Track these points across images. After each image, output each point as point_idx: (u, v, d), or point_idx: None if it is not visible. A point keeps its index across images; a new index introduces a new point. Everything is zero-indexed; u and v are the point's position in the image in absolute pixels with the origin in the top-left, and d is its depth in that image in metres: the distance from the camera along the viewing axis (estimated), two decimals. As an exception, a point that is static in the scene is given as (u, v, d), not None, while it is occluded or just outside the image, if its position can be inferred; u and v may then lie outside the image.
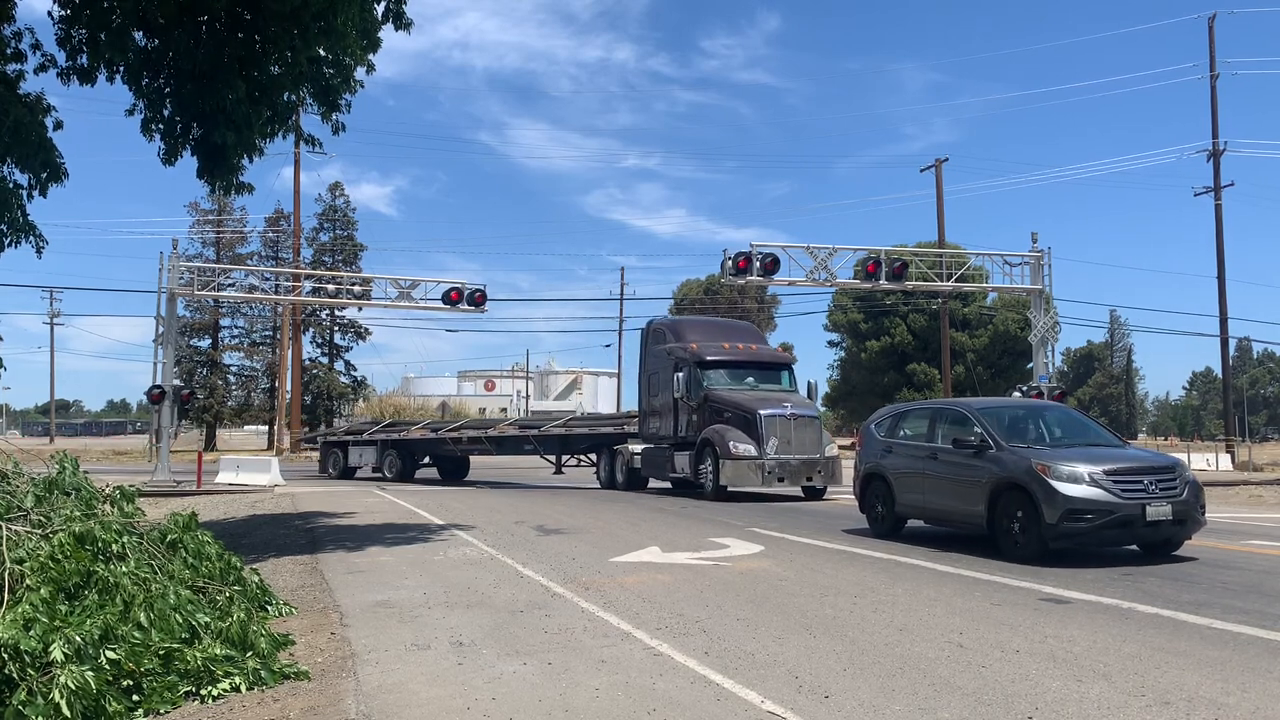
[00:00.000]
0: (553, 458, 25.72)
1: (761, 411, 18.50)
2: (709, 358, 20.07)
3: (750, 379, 20.24)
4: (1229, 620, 6.78)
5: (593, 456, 24.62)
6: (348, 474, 29.87)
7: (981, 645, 6.14)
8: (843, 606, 7.55)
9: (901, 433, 12.51)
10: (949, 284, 28.11)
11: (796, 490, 19.21)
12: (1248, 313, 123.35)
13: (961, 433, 10.97)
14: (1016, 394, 25.00)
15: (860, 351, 61.90)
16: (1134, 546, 10.23)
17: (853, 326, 63.22)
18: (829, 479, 18.92)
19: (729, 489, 18.58)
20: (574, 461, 25.77)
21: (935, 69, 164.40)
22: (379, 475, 28.64)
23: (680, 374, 20.08)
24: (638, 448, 22.05)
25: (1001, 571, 9.09)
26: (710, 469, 18.73)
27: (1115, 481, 9.52)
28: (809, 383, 21.15)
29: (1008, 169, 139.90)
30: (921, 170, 45.43)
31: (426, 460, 28.76)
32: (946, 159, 45.32)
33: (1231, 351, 45.48)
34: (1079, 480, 9.51)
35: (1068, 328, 50.06)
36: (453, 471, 28.80)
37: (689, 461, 19.62)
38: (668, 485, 21.93)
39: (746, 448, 18.25)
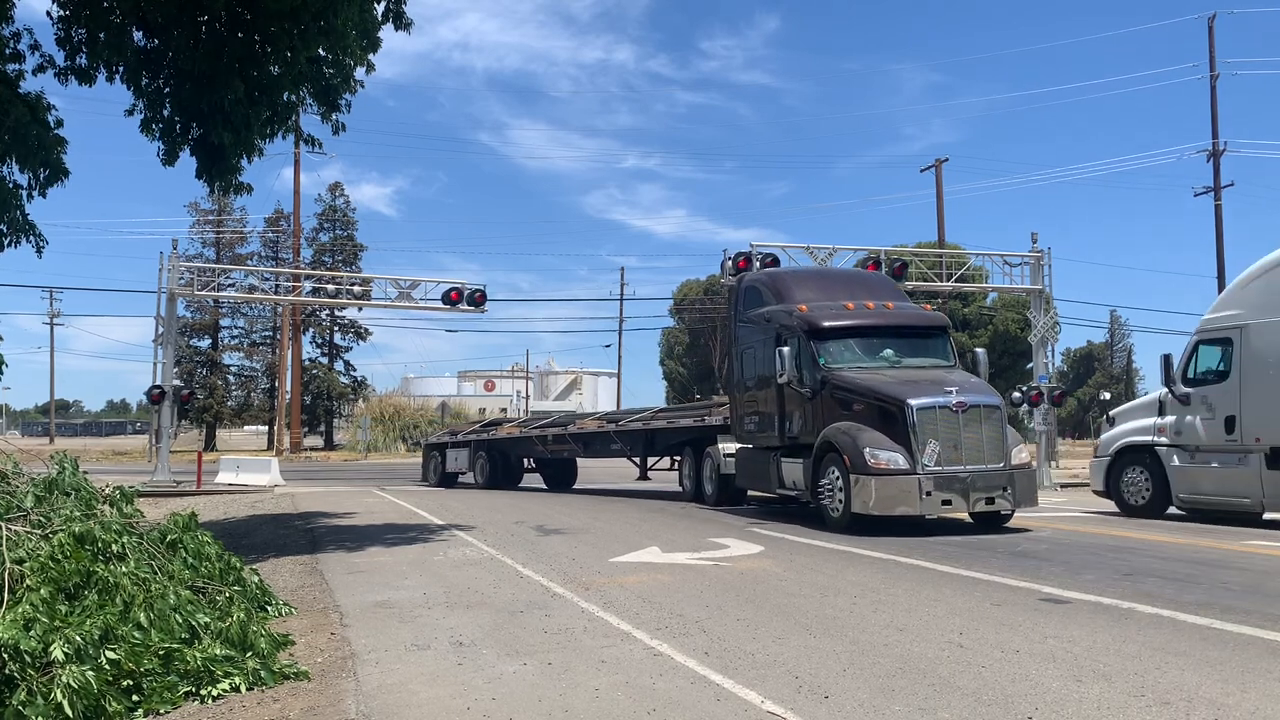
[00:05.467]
0: (638, 459, 21.38)
1: (912, 401, 12.40)
2: (826, 323, 14.05)
3: (889, 351, 14.12)
4: (1229, 620, 6.78)
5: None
6: (446, 481, 26.13)
7: (981, 645, 6.14)
8: (842, 606, 7.55)
9: None
10: (949, 284, 28.10)
11: (969, 515, 12.94)
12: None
13: None
14: (1016, 394, 24.97)
15: (860, 351, 61.86)
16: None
17: (853, 326, 63.11)
18: (1021, 497, 12.57)
19: (867, 515, 12.31)
20: (665, 464, 21.29)
21: (935, 69, 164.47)
22: (473, 483, 25.02)
23: (785, 349, 14.09)
24: (731, 448, 16.66)
25: (1001, 571, 9.09)
26: (837, 486, 12.73)
27: None
28: (972, 353, 14.77)
29: (1008, 169, 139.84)
30: (921, 170, 45.51)
31: (530, 465, 24.96)
32: (946, 159, 45.38)
33: (1231, 351, 45.42)
34: None
35: (1068, 328, 50.09)
36: (558, 478, 24.65)
37: (803, 473, 13.77)
38: (770, 497, 16.11)
39: (891, 456, 12.19)
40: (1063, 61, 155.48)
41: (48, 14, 10.69)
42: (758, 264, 23.87)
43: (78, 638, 5.01)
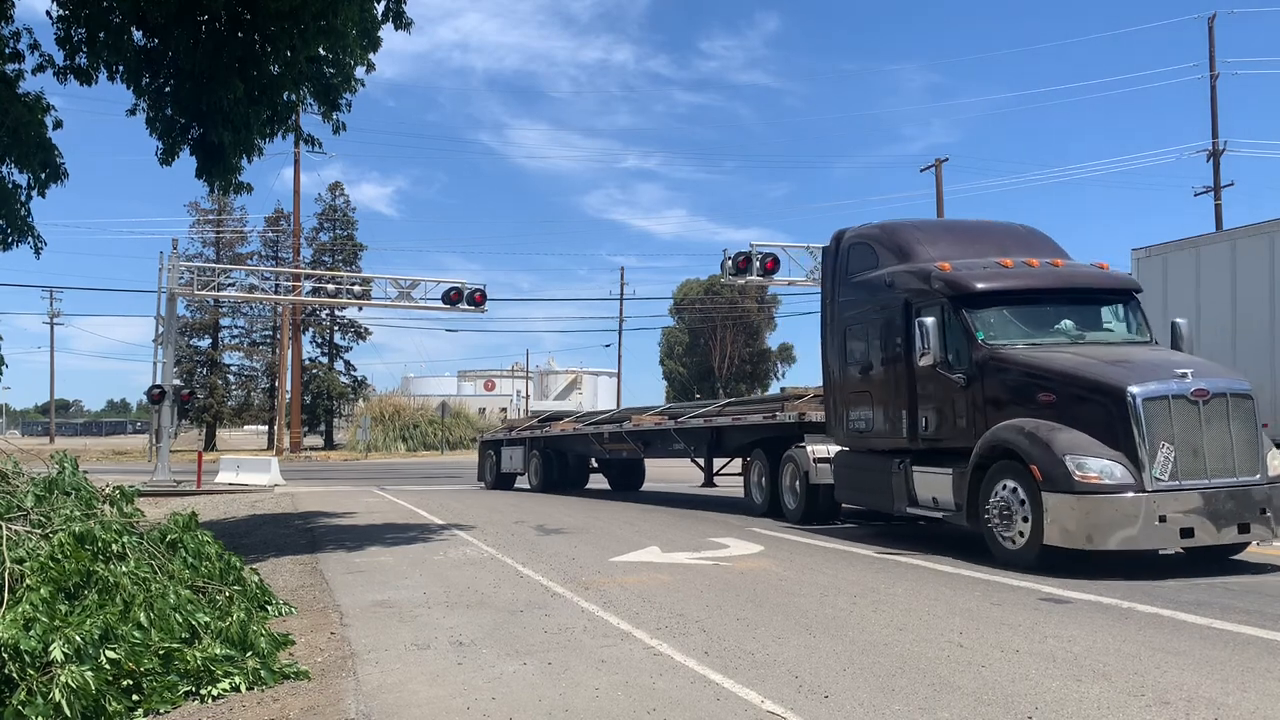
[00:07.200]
0: (702, 461, 18.39)
1: (1135, 389, 8.87)
2: (981, 286, 10.55)
3: (1067, 322, 10.63)
4: (1229, 620, 6.78)
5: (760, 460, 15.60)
6: (503, 483, 23.88)
7: (981, 645, 6.14)
8: (842, 606, 7.55)
9: None
10: (949, 284, 27.99)
11: (1176, 547, 9.16)
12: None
13: None
14: None
15: (860, 351, 61.75)
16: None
17: (853, 326, 63.07)
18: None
19: (1066, 548, 8.85)
20: (736, 467, 17.75)
21: (934, 69, 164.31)
22: (529, 486, 22.99)
23: (927, 320, 10.50)
24: (824, 450, 13.36)
25: (1001, 572, 9.08)
26: (1016, 508, 9.21)
27: None
28: (1175, 324, 10.93)
29: (1008, 169, 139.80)
30: (921, 170, 45.55)
31: (594, 465, 22.67)
32: (946, 159, 45.42)
33: (1231, 351, 45.43)
34: None
35: (1068, 327, 49.85)
36: (623, 481, 22.54)
37: (952, 487, 10.30)
38: (869, 513, 13.54)
39: (1106, 466, 8.74)
40: (1063, 61, 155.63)
41: (47, 14, 10.71)
42: (757, 263, 23.92)
43: (78, 638, 5.01)
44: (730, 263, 23.82)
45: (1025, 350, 10.20)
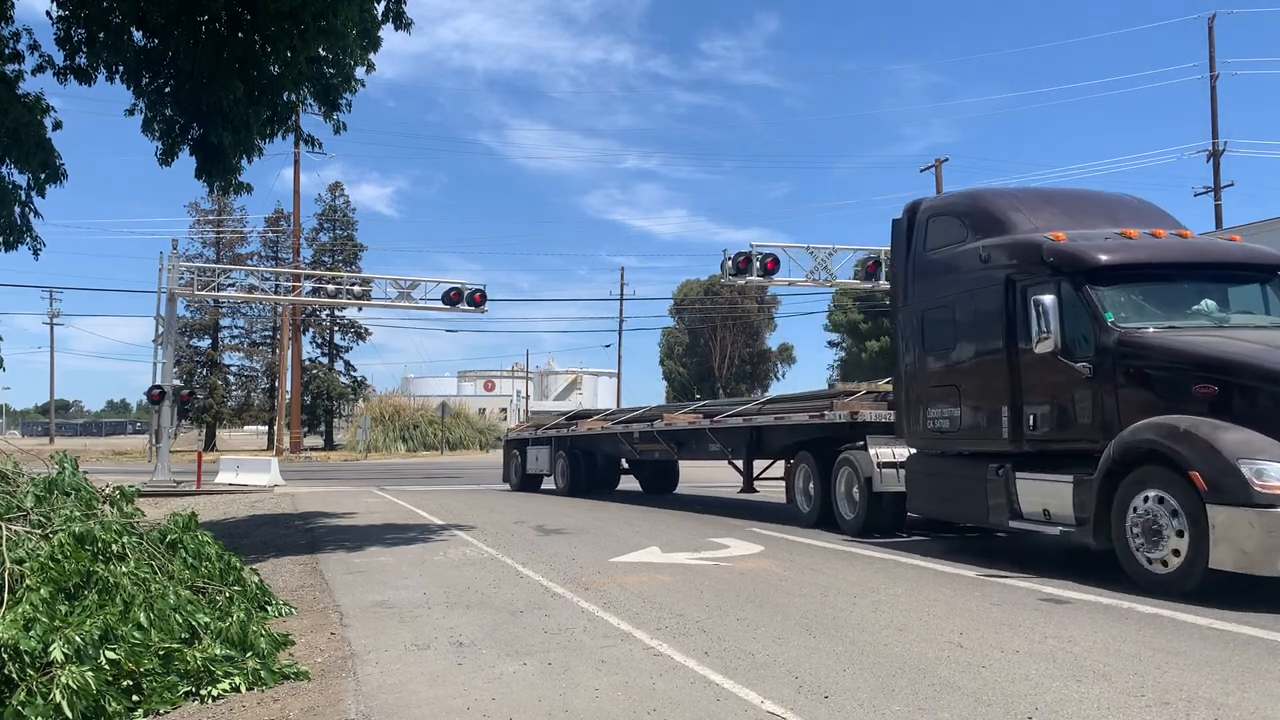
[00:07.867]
0: (740, 464, 16.50)
1: None
2: (1106, 259, 9.09)
3: (1208, 303, 9.18)
4: (1229, 620, 6.77)
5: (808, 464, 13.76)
6: (529, 484, 22.70)
7: (981, 645, 6.14)
8: (842, 606, 7.55)
9: None
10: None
11: None
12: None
13: None
14: None
15: (860, 352, 62.04)
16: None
17: (853, 327, 63.44)
18: None
19: (1234, 574, 7.27)
20: (780, 470, 15.84)
21: (934, 70, 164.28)
22: (555, 489, 21.60)
23: (1045, 299, 8.91)
24: (891, 453, 11.85)
25: (1001, 572, 9.08)
26: (1167, 523, 7.66)
27: None
28: None
29: (1008, 169, 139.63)
30: (921, 170, 45.59)
31: (625, 466, 21.31)
32: (946, 159, 45.42)
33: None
34: None
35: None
36: (655, 484, 21.27)
37: (1073, 496, 8.69)
38: (928, 523, 12.15)
39: None
40: (1063, 61, 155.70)
41: (47, 14, 10.71)
42: (757, 263, 23.90)
43: (78, 638, 5.01)
44: (730, 263, 23.81)
45: (1168, 334, 8.65)
